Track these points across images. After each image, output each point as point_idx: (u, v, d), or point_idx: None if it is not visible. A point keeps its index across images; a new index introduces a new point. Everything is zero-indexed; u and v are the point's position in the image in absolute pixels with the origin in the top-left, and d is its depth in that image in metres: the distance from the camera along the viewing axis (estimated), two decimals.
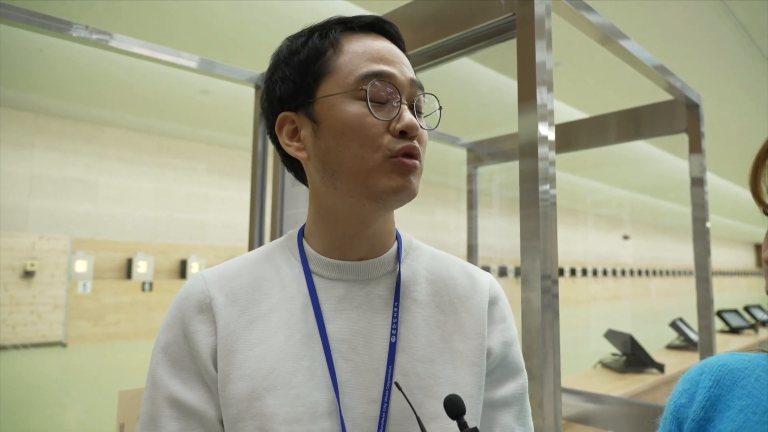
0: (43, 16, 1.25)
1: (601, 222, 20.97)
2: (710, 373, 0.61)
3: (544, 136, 0.97)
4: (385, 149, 0.60)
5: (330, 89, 0.62)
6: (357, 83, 0.61)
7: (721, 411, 0.58)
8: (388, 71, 0.62)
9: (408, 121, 0.61)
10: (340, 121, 0.61)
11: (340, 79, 0.62)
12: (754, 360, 0.60)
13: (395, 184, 0.61)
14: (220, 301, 0.63)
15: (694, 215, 1.81)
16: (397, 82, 0.63)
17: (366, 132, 0.60)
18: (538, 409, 0.88)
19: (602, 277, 20.81)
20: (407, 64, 0.66)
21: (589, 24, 1.22)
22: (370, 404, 0.61)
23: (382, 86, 0.61)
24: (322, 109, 0.62)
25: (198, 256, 10.38)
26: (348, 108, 0.61)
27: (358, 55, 0.63)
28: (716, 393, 0.59)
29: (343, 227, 0.66)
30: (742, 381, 0.58)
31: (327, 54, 0.63)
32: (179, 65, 1.50)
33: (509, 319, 0.72)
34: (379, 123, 0.61)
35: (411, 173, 0.62)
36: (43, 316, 8.25)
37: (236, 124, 8.96)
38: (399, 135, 0.61)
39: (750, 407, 0.56)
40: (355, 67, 0.62)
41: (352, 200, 0.63)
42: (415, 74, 0.67)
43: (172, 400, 0.60)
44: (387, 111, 0.61)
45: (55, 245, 8.52)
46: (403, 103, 0.62)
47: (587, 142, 2.18)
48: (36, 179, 8.72)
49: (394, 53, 0.65)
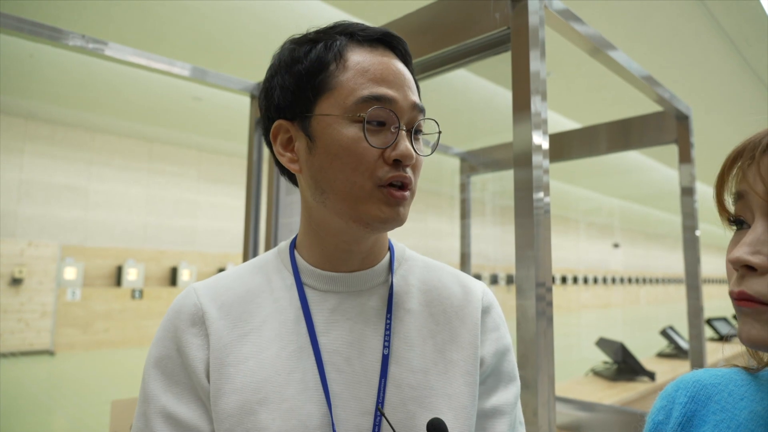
0: (40, 25, 1.25)
1: (592, 230, 21.09)
2: (685, 389, 0.62)
3: (538, 144, 0.98)
4: (376, 178, 0.59)
5: (329, 108, 0.61)
6: (356, 106, 0.59)
7: (697, 426, 0.59)
8: (390, 96, 0.60)
9: (403, 150, 0.59)
10: (335, 143, 0.60)
11: (340, 98, 0.60)
12: (727, 375, 0.61)
13: (383, 215, 0.60)
14: (212, 314, 0.63)
15: (684, 224, 1.83)
16: (398, 108, 0.61)
17: (360, 157, 0.59)
18: (532, 418, 0.88)
19: (593, 285, 20.90)
20: (411, 86, 0.64)
21: (580, 36, 1.24)
22: (364, 417, 0.60)
23: (381, 112, 0.60)
24: (318, 127, 0.61)
25: (188, 263, 10.31)
26: (344, 131, 0.59)
27: (361, 74, 0.61)
28: (692, 409, 0.60)
29: (335, 241, 0.65)
30: (716, 396, 0.59)
31: (330, 68, 0.61)
32: (174, 74, 1.50)
33: (503, 327, 0.72)
34: (375, 150, 0.59)
35: (400, 204, 0.61)
36: (31, 324, 8.13)
37: (228, 131, 8.94)
38: (393, 163, 0.60)
39: (724, 422, 0.56)
40: (356, 87, 0.60)
41: (340, 220, 0.62)
42: (418, 96, 0.65)
43: (166, 415, 0.60)
44: (383, 137, 0.60)
45: (44, 252, 8.43)
46: (401, 129, 0.61)
47: (579, 152, 2.21)
48: (25, 185, 8.64)
49: (398, 74, 0.63)
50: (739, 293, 0.51)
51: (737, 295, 0.51)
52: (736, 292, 0.51)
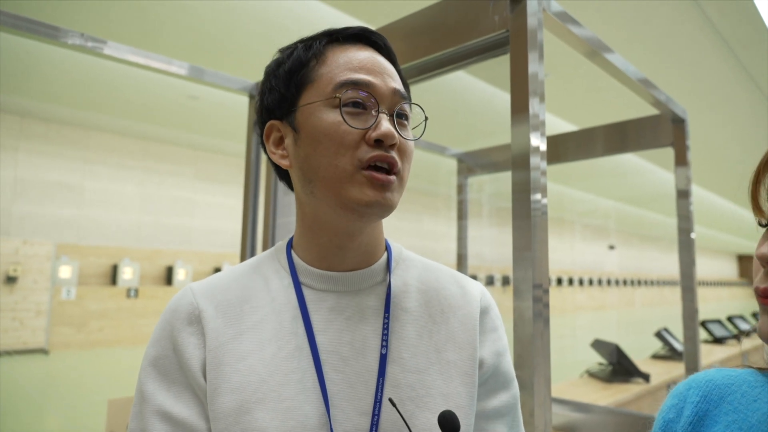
0: (38, 23, 1.24)
1: (587, 232, 21.15)
2: (698, 388, 0.62)
3: (536, 146, 0.99)
4: (357, 160, 0.60)
5: (309, 98, 0.63)
6: (334, 91, 0.61)
7: (708, 426, 0.59)
8: (366, 80, 0.62)
9: (384, 130, 0.60)
10: (316, 129, 0.61)
11: (320, 88, 0.62)
12: (741, 376, 0.61)
13: (366, 198, 0.60)
14: (209, 314, 0.63)
15: (679, 226, 1.84)
16: (376, 91, 0.62)
17: (340, 140, 0.60)
18: (529, 419, 0.88)
19: (588, 287, 20.96)
20: (392, 74, 0.65)
21: (577, 38, 1.24)
22: (362, 416, 0.60)
23: (358, 95, 0.61)
24: (301, 117, 0.63)
25: (184, 262, 10.28)
26: (324, 116, 0.61)
27: (339, 65, 0.63)
28: (703, 408, 0.60)
29: (329, 237, 0.65)
30: (728, 397, 0.59)
31: (310, 65, 0.64)
32: (173, 73, 1.50)
33: (500, 328, 0.72)
34: (355, 132, 0.60)
35: (386, 188, 0.61)
36: (26, 323, 8.09)
37: (224, 130, 8.92)
38: (374, 144, 0.60)
39: (736, 422, 0.56)
40: (334, 76, 0.62)
41: (329, 210, 0.63)
42: (402, 85, 0.66)
43: (163, 414, 0.59)
44: (363, 120, 0.61)
45: (39, 250, 8.38)
46: (381, 112, 0.62)
47: (575, 155, 2.21)
48: (20, 183, 8.59)
49: (377, 63, 0.64)
50: (764, 290, 0.51)
51: (763, 292, 0.51)
52: (761, 288, 0.51)
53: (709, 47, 5.60)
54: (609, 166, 10.83)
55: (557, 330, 13.08)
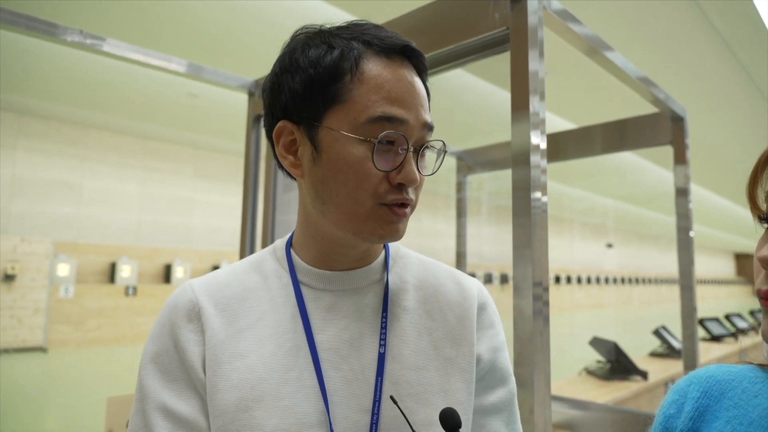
0: (37, 20, 1.24)
1: (585, 230, 21.18)
2: (698, 384, 0.62)
3: (536, 144, 0.99)
4: (378, 197, 0.59)
5: (338, 121, 0.59)
6: (367, 125, 0.58)
7: (709, 422, 0.59)
8: (401, 117, 0.59)
9: (408, 174, 0.59)
10: (341, 159, 0.59)
11: (352, 113, 0.58)
12: (741, 372, 0.62)
13: (382, 231, 0.61)
14: (208, 311, 0.63)
15: (678, 225, 1.84)
16: (408, 129, 0.60)
17: (364, 177, 0.59)
18: (529, 416, 0.89)
19: (586, 285, 21.00)
20: (424, 103, 0.63)
21: (577, 36, 1.24)
22: (361, 414, 0.60)
23: (390, 134, 0.59)
24: (325, 139, 0.60)
25: (183, 261, 10.27)
26: (352, 149, 0.58)
27: (375, 90, 0.59)
28: (704, 404, 0.60)
29: (330, 244, 0.66)
30: (729, 392, 0.60)
31: (344, 79, 0.59)
32: (172, 71, 1.50)
33: (498, 325, 0.72)
34: (381, 172, 0.59)
35: (400, 221, 0.62)
36: (24, 321, 8.08)
37: (223, 128, 8.90)
38: (396, 185, 0.60)
39: (737, 418, 0.57)
40: (369, 105, 0.58)
41: (338, 230, 0.63)
42: (429, 113, 0.64)
43: (164, 411, 0.59)
44: (391, 158, 0.59)
45: (37, 248, 8.37)
46: (408, 151, 0.60)
47: (574, 153, 2.21)
48: (18, 181, 8.58)
49: (413, 92, 0.61)
50: (766, 292, 0.51)
51: (764, 294, 0.51)
52: (763, 290, 0.51)
53: (709, 47, 5.61)
54: (608, 164, 10.84)
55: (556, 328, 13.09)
